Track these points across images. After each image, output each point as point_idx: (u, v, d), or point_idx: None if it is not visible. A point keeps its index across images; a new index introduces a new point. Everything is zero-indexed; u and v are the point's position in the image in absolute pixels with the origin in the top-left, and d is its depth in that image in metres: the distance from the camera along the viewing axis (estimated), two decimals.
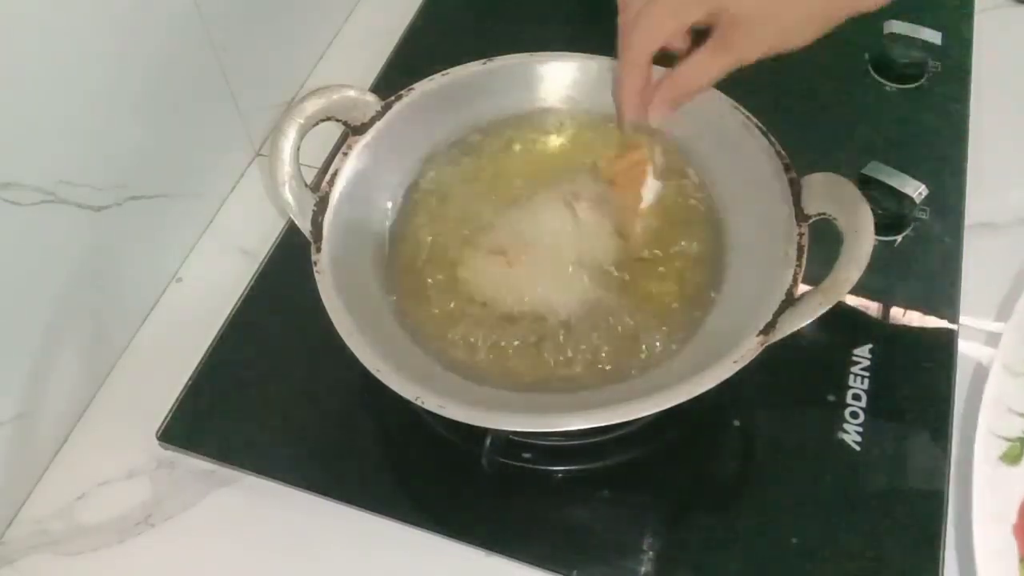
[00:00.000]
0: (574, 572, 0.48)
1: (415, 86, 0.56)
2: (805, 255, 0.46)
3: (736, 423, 0.53)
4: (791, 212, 0.48)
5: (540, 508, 0.51)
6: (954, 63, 0.70)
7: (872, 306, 0.57)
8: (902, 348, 0.56)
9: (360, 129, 0.54)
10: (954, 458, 0.51)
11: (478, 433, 0.47)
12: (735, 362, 0.43)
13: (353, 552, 0.50)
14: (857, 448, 0.51)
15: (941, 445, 0.51)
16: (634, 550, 0.48)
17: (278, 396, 0.55)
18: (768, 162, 0.51)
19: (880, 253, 0.44)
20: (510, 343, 0.49)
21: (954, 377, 0.54)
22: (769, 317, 0.44)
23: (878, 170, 0.60)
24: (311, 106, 0.51)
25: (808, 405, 0.53)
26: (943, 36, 0.70)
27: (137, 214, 0.57)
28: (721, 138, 0.54)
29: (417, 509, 0.50)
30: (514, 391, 0.47)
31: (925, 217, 0.61)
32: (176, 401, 0.54)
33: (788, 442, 0.52)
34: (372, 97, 0.54)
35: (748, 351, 0.44)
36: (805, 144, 0.53)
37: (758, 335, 0.44)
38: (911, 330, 0.57)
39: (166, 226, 0.61)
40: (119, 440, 0.54)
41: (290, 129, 0.50)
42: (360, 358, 0.45)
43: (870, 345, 0.55)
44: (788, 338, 0.44)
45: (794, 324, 0.44)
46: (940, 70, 0.70)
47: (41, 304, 0.51)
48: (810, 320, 0.44)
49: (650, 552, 0.48)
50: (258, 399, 0.55)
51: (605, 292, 0.50)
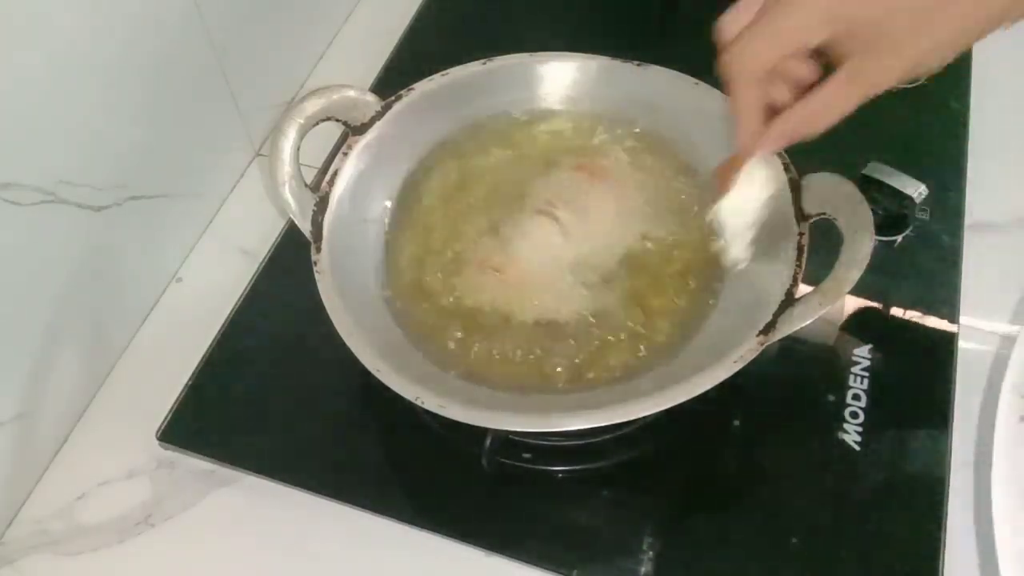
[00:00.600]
0: (574, 572, 0.48)
1: (415, 86, 0.56)
2: (805, 255, 0.46)
3: (736, 423, 0.53)
4: (791, 212, 0.48)
5: (540, 508, 0.51)
6: (954, 64, 0.70)
7: (872, 306, 0.57)
8: (902, 348, 0.56)
9: (360, 129, 0.54)
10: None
11: (478, 433, 0.47)
12: (735, 362, 0.43)
13: (353, 552, 0.50)
14: (857, 448, 0.51)
15: (941, 445, 0.51)
16: (634, 550, 0.48)
17: (278, 396, 0.55)
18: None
19: (880, 253, 0.44)
20: (509, 343, 0.49)
21: (954, 377, 0.54)
22: (769, 317, 0.44)
23: (878, 170, 0.60)
24: (311, 106, 0.51)
25: (808, 405, 0.53)
26: None
27: (137, 214, 0.57)
28: (721, 138, 0.53)
29: (417, 509, 0.50)
30: (514, 391, 0.47)
31: (925, 217, 0.61)
32: (176, 401, 0.54)
33: (788, 442, 0.52)
34: (372, 97, 0.54)
35: (748, 351, 0.44)
36: (805, 144, 0.53)
37: (758, 335, 0.44)
38: (911, 330, 0.57)
39: (166, 226, 0.61)
40: (119, 440, 0.54)
41: (290, 129, 0.50)
42: (360, 358, 0.45)
43: (870, 345, 0.55)
44: (788, 338, 0.44)
45: (794, 324, 0.44)
46: (940, 71, 0.69)
47: (41, 304, 0.51)
48: (810, 320, 0.44)
49: (650, 552, 0.48)
50: (258, 399, 0.55)
51: (605, 292, 0.50)
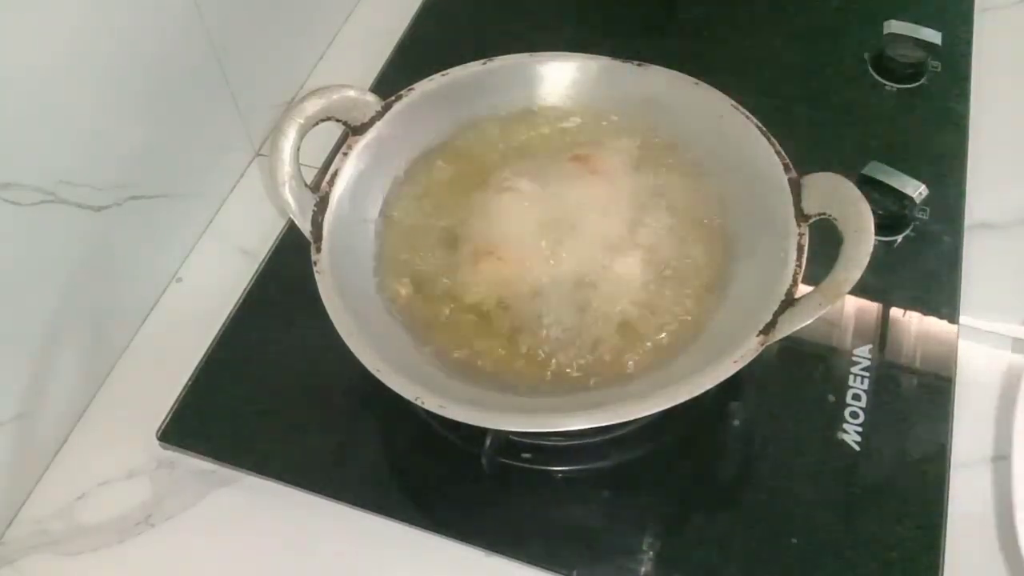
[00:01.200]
0: (574, 572, 0.48)
1: (415, 86, 0.56)
2: (805, 255, 0.46)
3: (736, 423, 0.53)
4: (791, 212, 0.48)
5: (540, 508, 0.51)
6: (954, 63, 0.70)
7: (872, 306, 0.57)
8: (902, 348, 0.56)
9: (360, 129, 0.54)
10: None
11: (478, 433, 0.47)
12: (735, 362, 0.43)
13: (353, 552, 0.50)
14: (857, 448, 0.51)
15: (941, 445, 0.51)
16: (634, 550, 0.48)
17: (278, 396, 0.55)
18: (768, 162, 0.51)
19: (880, 253, 0.44)
20: (508, 342, 0.49)
21: (954, 377, 0.54)
22: (769, 317, 0.44)
23: (878, 170, 0.60)
24: (311, 106, 0.51)
25: (808, 405, 0.53)
26: (943, 36, 0.70)
27: (137, 214, 0.57)
28: (721, 138, 0.54)
29: (417, 509, 0.50)
30: (514, 391, 0.47)
31: (925, 217, 0.61)
32: (176, 401, 0.54)
33: (788, 442, 0.52)
34: (372, 97, 0.54)
35: (748, 351, 0.44)
36: (805, 144, 0.53)
37: (758, 335, 0.44)
38: (911, 330, 0.56)
39: (166, 226, 0.61)
40: (119, 440, 0.54)
41: (290, 129, 0.50)
42: (360, 358, 0.45)
43: (870, 345, 0.55)
44: (788, 338, 0.44)
45: (794, 324, 0.44)
46: (940, 70, 0.70)
47: (41, 304, 0.51)
48: (810, 320, 0.44)
49: (650, 552, 0.48)
50: (258, 399, 0.55)
51: (604, 291, 0.50)
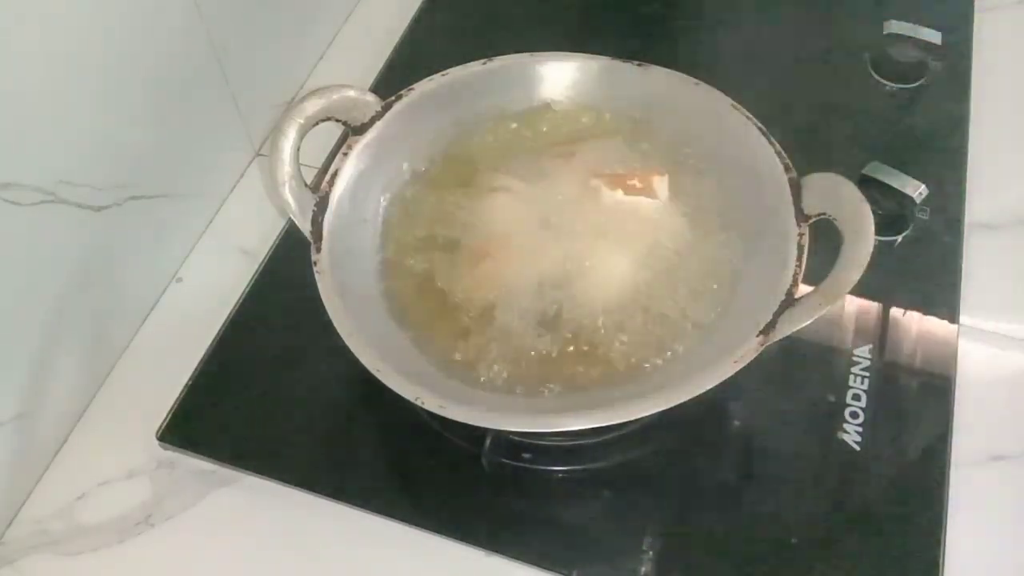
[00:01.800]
0: (574, 572, 0.48)
1: (415, 86, 0.56)
2: (805, 255, 0.46)
3: (736, 423, 0.53)
4: (791, 212, 0.48)
5: (540, 508, 0.51)
6: (954, 63, 0.70)
7: (872, 306, 0.57)
8: (902, 348, 0.56)
9: (360, 129, 0.54)
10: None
11: (478, 433, 0.48)
12: (735, 362, 0.43)
13: (353, 552, 0.50)
14: (857, 448, 0.51)
15: (941, 445, 0.51)
16: (634, 550, 0.48)
17: (278, 396, 0.55)
18: (768, 162, 0.51)
19: (880, 253, 0.44)
20: (508, 341, 0.49)
21: (954, 377, 0.54)
22: (769, 317, 0.44)
23: (878, 170, 0.60)
24: (311, 106, 0.51)
25: (808, 405, 0.53)
26: (943, 36, 0.70)
27: (137, 214, 0.57)
28: (721, 138, 0.54)
29: (417, 509, 0.50)
30: (514, 391, 0.47)
31: (925, 217, 0.61)
32: (176, 401, 0.54)
33: (788, 442, 0.52)
34: (372, 97, 0.54)
35: (748, 351, 0.44)
36: (805, 144, 0.53)
37: (758, 335, 0.44)
38: (911, 330, 0.56)
39: (166, 226, 0.61)
40: (119, 440, 0.54)
41: (290, 129, 0.50)
42: (360, 358, 0.45)
43: (870, 345, 0.55)
44: (788, 338, 0.44)
45: (794, 324, 0.44)
46: (940, 70, 0.70)
47: (41, 304, 0.51)
48: (810, 321, 0.44)
49: (650, 552, 0.48)
50: (258, 399, 0.55)
51: (603, 291, 0.50)
